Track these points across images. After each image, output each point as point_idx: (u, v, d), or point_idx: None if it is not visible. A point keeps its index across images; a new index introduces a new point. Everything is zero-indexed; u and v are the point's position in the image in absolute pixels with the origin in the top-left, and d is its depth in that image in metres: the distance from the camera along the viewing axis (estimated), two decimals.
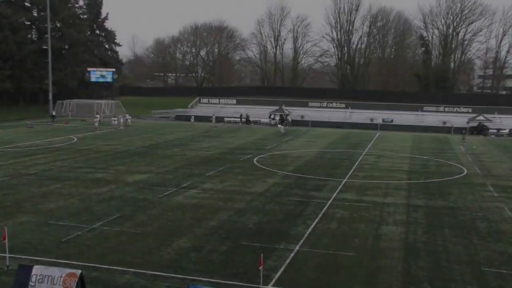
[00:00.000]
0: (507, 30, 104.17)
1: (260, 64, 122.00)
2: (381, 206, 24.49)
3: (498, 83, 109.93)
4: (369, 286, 14.71)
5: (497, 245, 18.91)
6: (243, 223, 20.84)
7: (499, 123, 70.13)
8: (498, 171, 36.33)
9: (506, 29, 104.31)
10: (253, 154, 41.13)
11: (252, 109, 78.04)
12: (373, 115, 74.47)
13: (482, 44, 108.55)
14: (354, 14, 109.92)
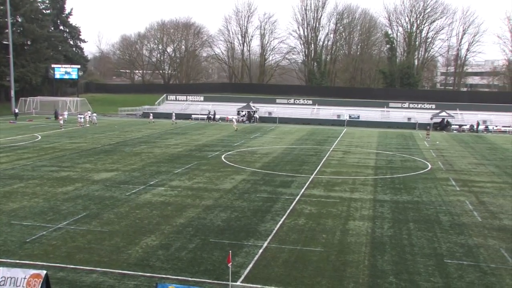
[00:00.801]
0: (466, 29, 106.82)
1: (227, 61, 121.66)
2: (348, 201, 24.82)
3: (459, 80, 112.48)
4: (337, 280, 14.91)
5: (458, 237, 19.41)
6: (211, 220, 20.82)
7: (461, 119, 71.89)
8: (460, 165, 37.22)
9: (465, 28, 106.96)
10: (221, 151, 41.10)
11: (220, 106, 77.94)
12: (340, 112, 75.29)
13: (444, 42, 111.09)
14: (320, 11, 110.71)
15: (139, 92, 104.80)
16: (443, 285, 14.74)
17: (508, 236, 19.79)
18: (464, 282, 15.00)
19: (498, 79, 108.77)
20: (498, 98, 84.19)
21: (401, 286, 14.62)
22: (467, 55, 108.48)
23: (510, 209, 24.20)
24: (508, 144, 52.64)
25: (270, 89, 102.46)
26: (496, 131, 67.81)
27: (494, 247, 18.41)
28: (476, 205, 24.68)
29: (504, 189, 29.02)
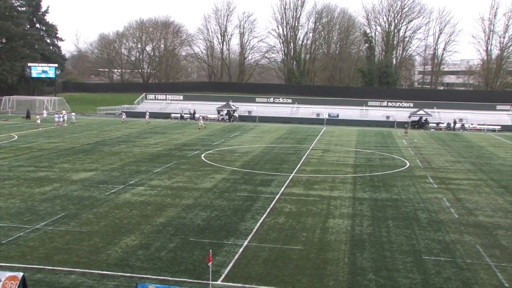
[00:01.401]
0: (443, 28, 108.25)
1: (206, 60, 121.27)
2: (328, 199, 24.98)
3: (436, 79, 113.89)
4: (317, 278, 15.00)
5: (436, 234, 19.69)
6: (191, 220, 20.78)
7: (438, 117, 72.83)
8: (437, 163, 37.71)
9: (442, 27, 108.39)
10: (200, 150, 41.01)
11: (199, 105, 77.72)
12: (319, 110, 75.68)
13: (421, 41, 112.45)
14: (299, 10, 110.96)
15: (118, 91, 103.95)
16: (421, 281, 14.94)
17: (483, 232, 20.14)
18: (441, 278, 15.23)
19: (474, 78, 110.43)
20: (474, 97, 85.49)
21: (380, 283, 14.78)
22: (444, 54, 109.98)
23: (485, 205, 24.63)
24: (483, 142, 53.49)
25: (250, 88, 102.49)
26: (472, 129, 68.83)
27: (470, 243, 18.72)
28: (453, 202, 25.05)
29: (479, 186, 29.50)
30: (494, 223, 21.55)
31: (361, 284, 14.68)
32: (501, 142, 54.57)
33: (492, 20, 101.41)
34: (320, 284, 14.62)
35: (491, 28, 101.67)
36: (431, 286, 14.63)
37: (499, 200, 25.86)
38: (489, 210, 23.77)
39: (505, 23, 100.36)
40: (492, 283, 14.98)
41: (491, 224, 21.36)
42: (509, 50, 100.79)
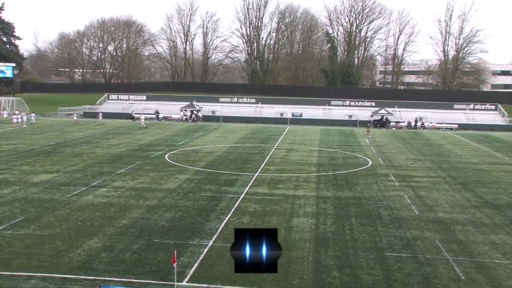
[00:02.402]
0: (402, 29, 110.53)
1: (170, 60, 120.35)
2: (292, 198, 25.17)
3: (397, 79, 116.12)
4: (282, 277, 15.11)
5: (398, 231, 20.11)
6: (155, 221, 20.62)
7: (399, 116, 74.28)
8: (398, 161, 38.47)
9: (401, 28, 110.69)
10: (164, 150, 40.71)
11: (163, 105, 77.09)
12: (283, 110, 76.12)
13: (382, 41, 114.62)
14: (262, 10, 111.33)
15: (80, 91, 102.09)
16: (384, 277, 15.24)
17: (442, 227, 20.69)
18: (403, 273, 15.57)
19: (432, 78, 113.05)
20: (433, 96, 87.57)
21: (344, 280, 15.00)
22: (404, 54, 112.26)
23: (444, 202, 25.28)
24: (442, 140, 54.83)
25: (213, 88, 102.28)
26: (431, 127, 70.46)
27: (430, 238, 19.20)
28: (413, 199, 25.61)
29: (438, 183, 30.25)
30: (452, 218, 22.15)
31: (325, 282, 14.87)
32: (459, 140, 56.07)
33: (448, 22, 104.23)
34: (285, 283, 14.74)
35: (447, 29, 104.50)
36: (393, 282, 14.95)
37: (457, 197, 26.58)
38: (447, 206, 24.42)
39: (460, 26, 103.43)
40: (449, 277, 15.41)
41: (449, 220, 21.95)
42: (464, 51, 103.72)
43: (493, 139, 57.92)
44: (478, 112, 76.05)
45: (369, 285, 14.73)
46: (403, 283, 14.89)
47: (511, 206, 24.89)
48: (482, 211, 23.73)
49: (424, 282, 15.00)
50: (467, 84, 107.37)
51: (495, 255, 17.61)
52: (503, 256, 17.49)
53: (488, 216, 22.78)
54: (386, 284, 14.82)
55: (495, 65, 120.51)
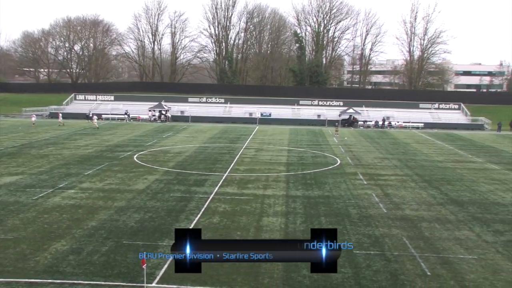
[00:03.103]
0: (369, 29, 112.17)
1: (138, 60, 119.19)
2: (262, 198, 25.25)
3: (364, 78, 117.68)
4: (252, 277, 15.16)
5: (366, 229, 20.40)
6: (124, 222, 20.42)
7: (367, 115, 75.25)
8: (366, 160, 38.98)
9: (368, 28, 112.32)
10: (133, 151, 40.30)
11: (131, 105, 76.27)
12: (252, 110, 76.21)
13: (350, 41, 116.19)
14: (231, 10, 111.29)
15: (45, 91, 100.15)
16: (353, 275, 15.44)
17: (409, 225, 21.08)
18: (371, 270, 15.80)
19: (399, 78, 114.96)
20: (399, 96, 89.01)
21: (313, 278, 15.13)
22: (371, 54, 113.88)
23: (410, 199, 25.75)
24: (408, 139, 55.78)
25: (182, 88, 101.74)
26: (398, 126, 71.59)
27: (397, 236, 19.54)
28: (381, 198, 26.00)
29: (405, 181, 30.78)
30: (418, 216, 22.59)
31: (295, 281, 14.98)
32: (424, 138, 57.14)
33: (413, 23, 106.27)
34: (255, 282, 14.79)
35: (412, 30, 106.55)
36: (362, 280, 15.16)
37: (423, 194, 27.11)
38: (414, 204, 24.88)
39: (424, 27, 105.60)
40: (416, 273, 15.72)
41: (416, 217, 22.38)
42: (428, 51, 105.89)
43: (457, 137, 59.25)
44: (443, 111, 77.64)
45: (338, 283, 14.91)
46: (372, 280, 15.12)
47: (473, 202, 25.52)
48: (447, 208, 24.27)
49: (391, 279, 15.26)
50: (432, 84, 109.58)
51: (458, 250, 18.05)
52: (466, 251, 17.95)
53: (453, 213, 23.31)
54: (355, 282, 15.03)
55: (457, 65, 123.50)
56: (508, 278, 15.75)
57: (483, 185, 30.20)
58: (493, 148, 49.19)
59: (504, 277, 15.78)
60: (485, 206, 24.80)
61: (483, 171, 35.33)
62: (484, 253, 17.90)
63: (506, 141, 55.95)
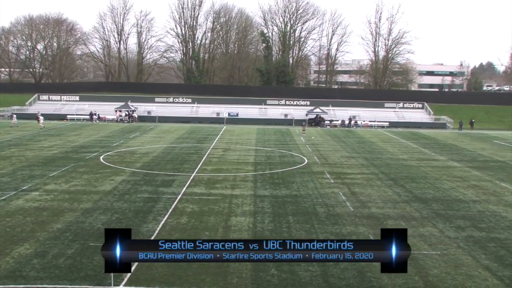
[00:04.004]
0: (335, 29, 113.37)
1: (103, 59, 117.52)
2: (230, 198, 25.28)
3: (331, 78, 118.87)
4: (221, 276, 15.17)
5: (333, 227, 20.64)
6: (90, 224, 20.15)
7: (333, 114, 76.03)
8: (333, 159, 39.41)
9: (334, 29, 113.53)
10: (99, 152, 39.75)
11: (97, 106, 75.16)
12: (219, 110, 76.07)
13: (316, 41, 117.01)
14: (197, 9, 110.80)
15: (7, 91, 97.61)
16: (321, 273, 15.60)
17: (375, 222, 21.42)
18: (339, 268, 15.99)
19: (364, 78, 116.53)
20: (365, 95, 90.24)
21: (282, 277, 15.24)
22: (337, 54, 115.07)
23: (377, 197, 26.17)
24: (374, 138, 56.63)
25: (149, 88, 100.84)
26: (364, 125, 72.57)
27: (364, 233, 19.85)
28: (348, 196, 26.34)
29: (371, 179, 31.26)
30: (384, 213, 22.98)
31: (264, 280, 15.06)
32: (390, 137, 58.10)
33: (378, 24, 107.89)
34: (224, 282, 14.81)
35: (377, 31, 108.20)
36: (330, 277, 15.34)
37: (389, 192, 27.59)
38: (380, 202, 25.29)
39: (388, 27, 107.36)
40: None
41: (382, 215, 22.77)
42: (393, 52, 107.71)
43: (421, 136, 60.45)
44: (407, 110, 79.05)
45: (306, 282, 15.05)
46: (339, 278, 15.32)
47: (437, 200, 26.11)
48: (411, 205, 24.76)
49: (359, 276, 15.49)
50: (397, 84, 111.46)
51: (423, 246, 18.46)
52: (430, 247, 18.37)
53: (417, 210, 23.80)
54: (323, 280, 15.20)
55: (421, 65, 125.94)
56: (468, 272, 16.22)
57: (445, 182, 30.93)
58: (455, 146, 50.39)
59: (465, 271, 16.24)
60: (447, 203, 25.41)
61: (446, 168, 36.17)
62: (447, 248, 18.36)
63: (467, 139, 57.40)
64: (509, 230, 21.01)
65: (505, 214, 23.63)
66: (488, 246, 18.83)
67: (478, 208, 24.65)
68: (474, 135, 62.27)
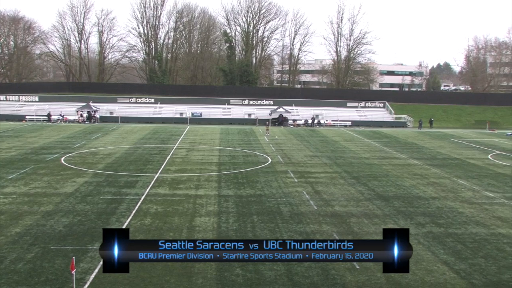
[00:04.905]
0: (297, 30, 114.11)
1: (64, 59, 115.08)
2: (194, 198, 25.20)
3: (294, 78, 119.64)
4: (185, 277, 15.12)
5: (297, 226, 20.83)
6: (51, 227, 19.76)
7: (297, 114, 76.61)
8: (297, 158, 39.72)
9: (297, 29, 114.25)
10: (60, 153, 38.98)
11: (57, 106, 73.66)
12: (182, 110, 75.66)
13: (279, 41, 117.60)
14: (160, 9, 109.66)
15: None
16: (285, 272, 15.73)
17: (338, 220, 21.72)
18: (303, 267, 16.15)
19: (327, 77, 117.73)
20: (328, 95, 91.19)
21: (247, 277, 15.31)
22: (299, 54, 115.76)
23: (340, 196, 26.53)
24: (337, 137, 57.33)
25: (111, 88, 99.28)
26: (327, 125, 73.39)
27: (328, 232, 20.10)
28: (312, 195, 26.61)
29: (335, 178, 31.65)
30: (347, 211, 23.32)
31: (228, 280, 15.09)
32: (352, 136, 58.93)
33: (340, 24, 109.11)
34: (188, 283, 14.77)
35: (339, 31, 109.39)
36: (294, 276, 15.49)
37: (352, 190, 28.00)
38: (343, 200, 25.65)
39: (350, 28, 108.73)
40: (346, 267, 16.23)
41: (345, 213, 23.10)
42: (354, 52, 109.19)
43: (382, 134, 61.54)
44: (369, 109, 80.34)
45: (271, 280, 15.15)
46: (304, 276, 15.48)
47: (398, 197, 26.66)
48: (374, 203, 25.20)
49: (323, 274, 15.68)
50: (358, 83, 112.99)
51: None
52: None
53: (379, 208, 24.25)
54: (288, 278, 15.33)
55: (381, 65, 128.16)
56: (428, 266, 16.67)
57: (406, 180, 31.60)
58: (415, 144, 51.51)
59: (424, 266, 16.68)
60: (408, 200, 25.98)
61: (407, 166, 36.94)
62: None
63: (427, 137, 58.75)
64: (465, 225, 21.67)
65: (462, 210, 24.34)
66: (446, 241, 19.36)
67: (437, 204, 25.30)
68: (433, 134, 63.81)
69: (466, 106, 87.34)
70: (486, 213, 23.78)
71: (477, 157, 42.49)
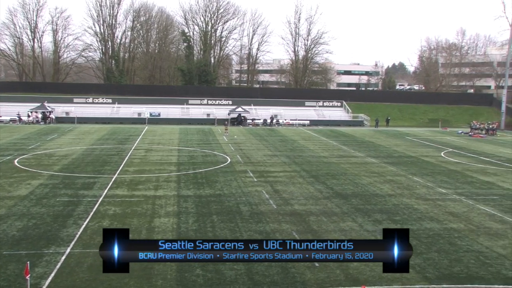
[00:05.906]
0: (256, 29, 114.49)
1: (16, 58, 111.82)
2: (153, 199, 24.98)
3: (252, 78, 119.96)
4: (145, 279, 14.99)
5: (257, 225, 20.94)
6: (4, 231, 19.22)
7: (255, 114, 76.90)
8: (256, 158, 39.88)
9: (255, 28, 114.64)
10: (13, 155, 37.92)
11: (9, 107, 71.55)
12: (140, 110, 74.85)
13: (237, 41, 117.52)
14: (116, 8, 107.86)
15: None
16: (246, 271, 15.79)
17: (298, 219, 21.95)
18: (263, 266, 16.24)
19: (285, 77, 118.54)
20: (286, 94, 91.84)
21: (207, 277, 15.29)
22: (258, 54, 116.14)
23: (299, 195, 26.80)
24: (295, 136, 57.85)
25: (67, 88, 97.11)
26: (285, 124, 73.93)
27: (287, 230, 20.28)
28: (271, 194, 26.78)
29: (294, 177, 31.95)
30: (307, 210, 23.59)
31: (189, 280, 15.04)
32: (311, 135, 59.58)
33: (297, 24, 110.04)
34: (148, 285, 14.65)
35: (297, 31, 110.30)
36: (255, 275, 15.57)
37: (311, 189, 28.33)
38: (302, 198, 25.93)
39: (307, 28, 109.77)
40: (305, 265, 16.40)
41: (304, 211, 23.35)
42: (312, 51, 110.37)
43: (340, 133, 62.47)
44: (327, 108, 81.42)
45: (232, 280, 15.19)
46: (264, 275, 15.58)
47: (356, 195, 27.14)
48: (332, 201, 25.57)
49: (283, 272, 15.82)
50: (316, 83, 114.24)
51: None
52: None
53: (338, 206, 24.63)
54: (248, 278, 15.40)
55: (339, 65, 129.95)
56: None
57: (364, 178, 32.19)
58: (372, 143, 52.53)
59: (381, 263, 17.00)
60: (366, 198, 26.48)
61: (364, 165, 37.63)
62: None
63: (383, 136, 60.01)
64: (420, 221, 22.26)
65: (417, 206, 24.98)
66: None
67: (394, 201, 25.89)
68: (389, 132, 65.21)
69: (420, 105, 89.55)
70: (439, 209, 24.49)
71: (431, 155, 43.68)
